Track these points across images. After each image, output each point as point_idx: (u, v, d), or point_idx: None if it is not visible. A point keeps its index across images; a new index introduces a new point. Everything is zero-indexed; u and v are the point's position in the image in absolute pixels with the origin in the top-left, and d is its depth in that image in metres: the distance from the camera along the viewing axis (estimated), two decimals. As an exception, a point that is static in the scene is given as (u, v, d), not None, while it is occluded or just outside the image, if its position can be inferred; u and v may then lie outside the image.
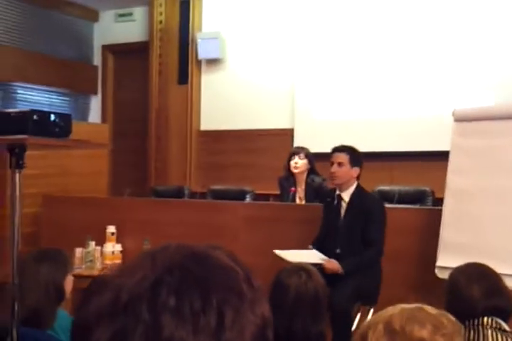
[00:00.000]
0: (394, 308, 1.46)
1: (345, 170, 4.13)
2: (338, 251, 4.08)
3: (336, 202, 4.19)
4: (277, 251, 4.04)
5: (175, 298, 0.62)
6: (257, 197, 5.85)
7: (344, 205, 4.16)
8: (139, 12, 7.90)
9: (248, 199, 5.70)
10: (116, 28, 8.02)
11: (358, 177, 4.21)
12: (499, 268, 2.54)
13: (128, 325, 0.61)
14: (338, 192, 4.20)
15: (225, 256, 0.69)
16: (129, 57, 7.92)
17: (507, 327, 2.29)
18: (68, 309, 2.74)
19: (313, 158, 5.13)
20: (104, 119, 7.98)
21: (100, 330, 0.61)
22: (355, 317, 3.98)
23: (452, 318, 1.45)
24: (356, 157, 4.18)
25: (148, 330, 0.60)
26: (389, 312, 1.44)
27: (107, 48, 8.15)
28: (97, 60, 8.20)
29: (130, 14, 7.96)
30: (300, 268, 2.44)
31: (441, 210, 4.05)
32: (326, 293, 2.42)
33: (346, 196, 4.17)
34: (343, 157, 4.15)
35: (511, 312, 2.34)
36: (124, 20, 8.02)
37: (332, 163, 4.17)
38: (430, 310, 1.45)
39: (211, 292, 0.63)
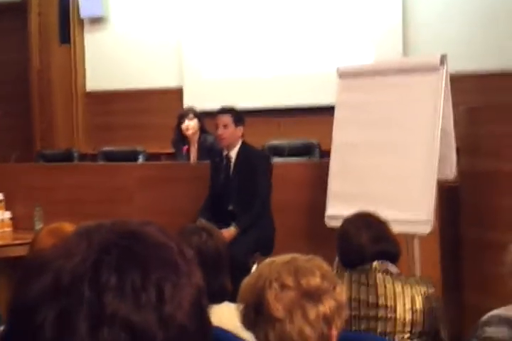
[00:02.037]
0: (271, 264, 1.54)
1: (230, 131, 4.30)
2: (230, 208, 4.25)
3: (225, 161, 4.34)
4: None
5: (116, 277, 0.64)
6: (149, 156, 5.83)
7: (232, 163, 4.32)
8: (13, -32, 7.50)
9: (141, 159, 5.67)
10: (-11, -14, 7.58)
11: (242, 135, 4.36)
12: (383, 214, 2.69)
13: (72, 305, 0.63)
14: (225, 152, 4.35)
15: (157, 231, 0.71)
16: (6, 16, 7.50)
17: (395, 270, 2.46)
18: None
19: (202, 116, 5.17)
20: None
21: (44, 311, 0.63)
22: (252, 267, 4.13)
23: (321, 259, 1.58)
24: (239, 117, 4.36)
25: (93, 309, 0.63)
26: (272, 268, 1.52)
27: (-20, 8, 7.71)
28: (-31, 20, 7.75)
29: (3, -29, 7.54)
30: (200, 228, 2.50)
31: (328, 162, 4.21)
32: (226, 249, 2.50)
33: (233, 154, 4.33)
34: (227, 118, 4.31)
35: (398, 256, 2.51)
36: (-4, -23, 7.59)
37: (217, 126, 4.31)
38: (303, 257, 1.56)
39: (149, 269, 0.66)
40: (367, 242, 2.44)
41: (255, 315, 1.49)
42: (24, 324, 0.65)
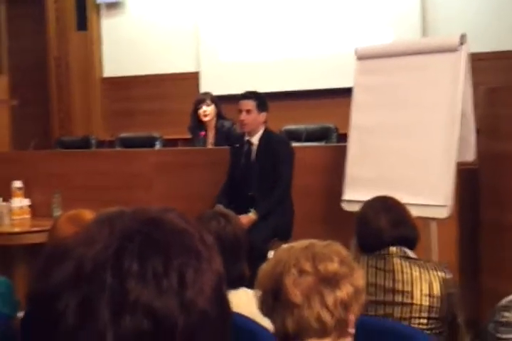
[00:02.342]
0: (289, 250, 1.54)
1: (253, 117, 4.24)
2: (251, 193, 4.22)
3: (246, 147, 4.30)
4: None
5: (137, 264, 0.65)
6: (166, 142, 5.84)
7: (254, 149, 4.28)
8: (29, -45, 7.49)
9: (158, 145, 5.69)
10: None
11: (265, 121, 4.32)
12: (401, 198, 2.67)
13: (94, 292, 0.63)
14: (247, 138, 4.31)
15: (178, 218, 0.72)
16: (24, 3, 7.53)
17: (412, 255, 2.44)
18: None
19: (219, 101, 5.15)
20: (-1, 70, 7.64)
21: (66, 298, 0.64)
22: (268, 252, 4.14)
23: (339, 244, 1.58)
24: (262, 102, 4.29)
25: (115, 295, 0.63)
26: (291, 254, 1.52)
27: (-3, -6, 7.72)
28: (-13, 7, 7.77)
29: (21, -42, 7.53)
30: (218, 213, 2.50)
31: (345, 147, 4.18)
32: (245, 235, 2.50)
33: (255, 140, 4.29)
34: (251, 104, 4.25)
35: (416, 241, 2.49)
36: (14, -36, 7.59)
37: (240, 111, 4.25)
38: (321, 242, 1.56)
39: (171, 255, 0.67)
40: (386, 226, 2.43)
41: (273, 301, 1.50)
42: (46, 311, 0.65)
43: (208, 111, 5.03)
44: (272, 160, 4.17)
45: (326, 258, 1.49)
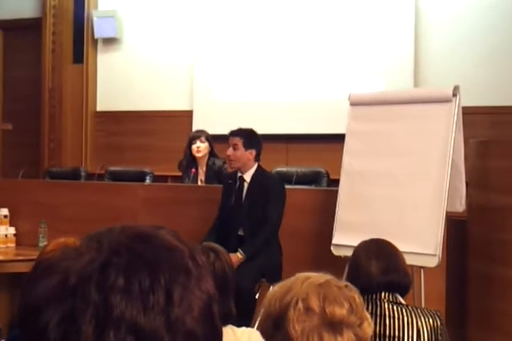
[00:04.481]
0: (303, 281, 1.48)
1: (239, 153, 4.24)
2: (240, 232, 4.20)
3: (238, 183, 4.28)
4: None
5: (123, 279, 0.63)
6: (156, 178, 5.82)
7: (246, 186, 4.27)
8: (30, -13, 7.58)
9: (148, 180, 5.67)
10: (7, 4, 7.66)
11: (257, 159, 4.31)
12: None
13: (78, 307, 0.61)
14: (239, 174, 4.30)
15: (169, 235, 0.70)
16: (21, 33, 7.59)
17: (403, 301, 2.42)
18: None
19: (212, 139, 5.18)
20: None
21: (50, 312, 0.62)
22: (256, 293, 4.10)
23: (355, 289, 1.52)
24: (250, 139, 4.29)
25: (99, 310, 0.61)
26: (303, 287, 1.47)
27: (-4, 24, 7.78)
28: (-15, 36, 7.82)
29: (21, -11, 7.62)
30: (208, 248, 2.48)
31: (337, 191, 4.19)
32: (234, 272, 2.47)
33: (248, 177, 4.28)
34: (237, 140, 4.27)
35: (409, 288, 2.48)
36: (14, -5, 7.67)
37: (228, 147, 4.29)
38: (337, 282, 1.50)
39: (159, 271, 0.64)
40: (376, 272, 2.41)
41: (274, 329, 1.46)
42: (30, 325, 0.64)
43: (201, 147, 5.07)
44: (263, 199, 4.15)
45: (336, 301, 1.43)
